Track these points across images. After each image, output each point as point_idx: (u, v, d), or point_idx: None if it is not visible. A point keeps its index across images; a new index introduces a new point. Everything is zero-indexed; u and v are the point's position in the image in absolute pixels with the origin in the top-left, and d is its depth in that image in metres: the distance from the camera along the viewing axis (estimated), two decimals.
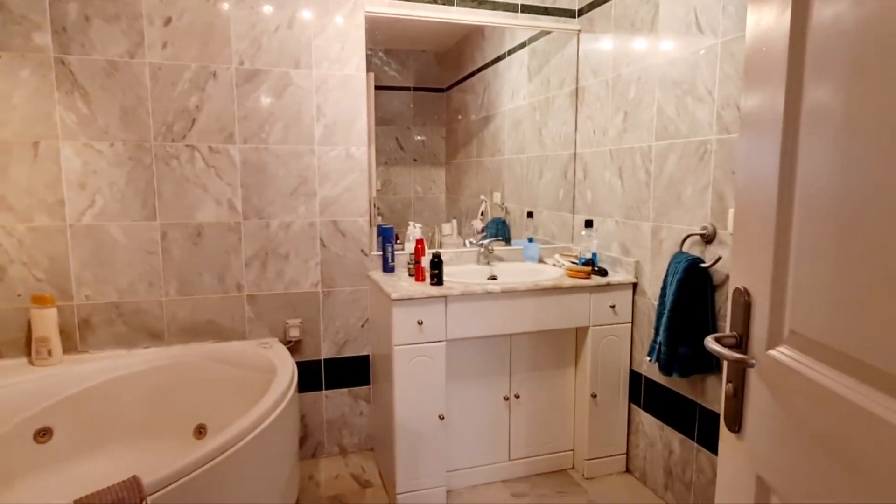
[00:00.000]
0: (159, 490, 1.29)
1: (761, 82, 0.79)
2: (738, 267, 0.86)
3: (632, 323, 2.31)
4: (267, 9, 2.22)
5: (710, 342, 0.84)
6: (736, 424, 0.86)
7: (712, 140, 1.85)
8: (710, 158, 1.87)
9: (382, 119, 2.70)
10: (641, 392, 2.28)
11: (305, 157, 2.33)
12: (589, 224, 2.46)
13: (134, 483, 1.24)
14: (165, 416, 2.12)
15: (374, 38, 2.42)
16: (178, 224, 2.22)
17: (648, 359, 2.06)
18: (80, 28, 2.03)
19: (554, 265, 2.51)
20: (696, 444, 1.99)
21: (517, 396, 2.31)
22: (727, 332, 0.87)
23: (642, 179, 2.20)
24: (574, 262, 2.40)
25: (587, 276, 2.25)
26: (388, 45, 2.63)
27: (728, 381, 0.87)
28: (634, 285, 2.28)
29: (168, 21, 2.12)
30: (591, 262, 2.33)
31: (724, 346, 0.84)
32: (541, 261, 2.63)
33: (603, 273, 2.29)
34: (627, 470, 2.38)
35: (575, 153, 2.69)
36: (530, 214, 2.89)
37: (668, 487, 2.14)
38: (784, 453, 0.74)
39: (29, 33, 1.98)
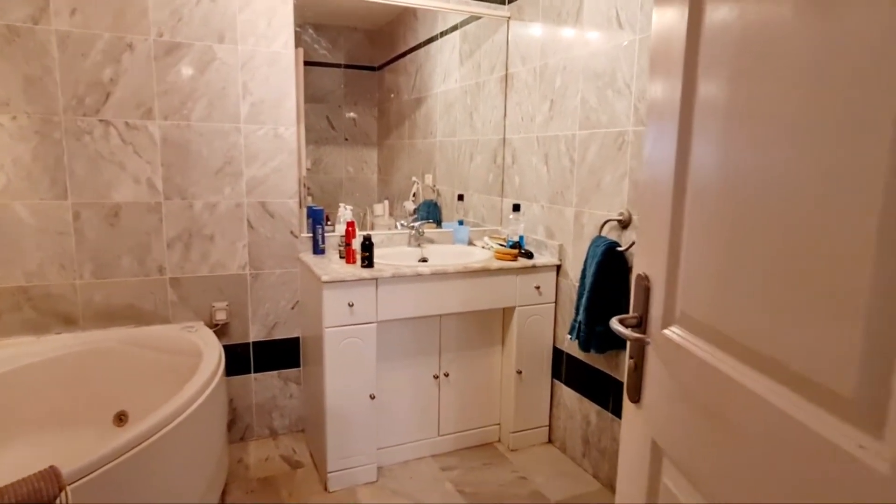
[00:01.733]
0: (79, 479, 1.25)
1: (663, 76, 0.87)
2: (640, 254, 0.95)
3: (555, 303, 2.43)
4: None
5: (614, 322, 0.92)
6: (636, 395, 0.95)
7: (629, 131, 1.97)
8: (627, 148, 1.98)
9: (313, 97, 2.65)
10: (563, 368, 2.42)
11: (231, 135, 2.27)
12: (516, 208, 2.55)
13: (51, 473, 1.20)
14: (83, 404, 2.04)
15: (303, 13, 2.37)
16: (93, 204, 2.10)
17: (569, 336, 2.18)
18: None
19: (483, 247, 2.58)
20: (610, 415, 2.15)
21: (446, 375, 2.39)
22: (632, 313, 0.96)
23: (566, 166, 2.30)
24: (502, 245, 2.48)
25: (514, 258, 2.35)
26: (318, 20, 2.57)
27: (630, 356, 0.96)
28: (558, 267, 2.40)
29: None
30: (518, 245, 2.43)
31: (626, 326, 0.92)
32: (471, 243, 2.70)
33: (529, 256, 2.39)
34: (550, 441, 2.52)
35: (504, 138, 2.76)
36: (461, 197, 2.95)
37: (586, 455, 2.29)
38: (673, 420, 0.84)
39: None
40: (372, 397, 2.12)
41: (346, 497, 2.09)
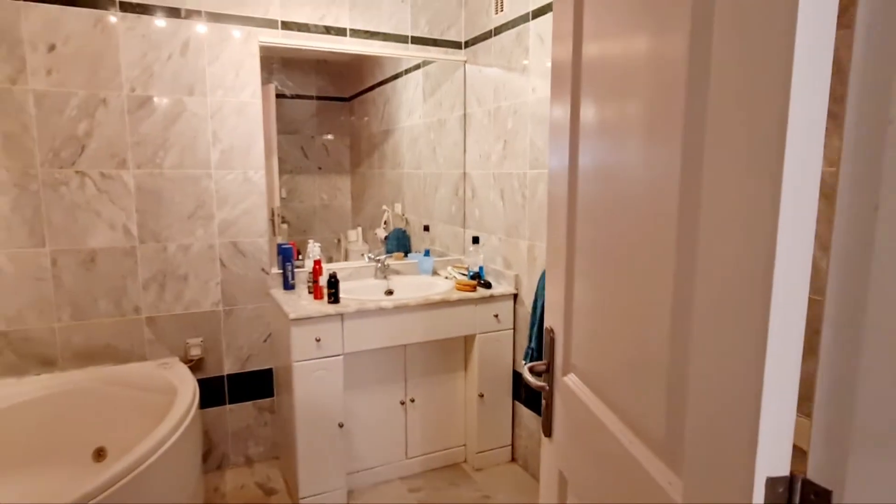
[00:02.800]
0: None
1: (558, 100, 1.01)
2: (548, 308, 1.11)
3: (513, 329, 2.59)
4: (158, 37, 2.25)
5: (524, 370, 1.08)
6: (548, 430, 1.11)
7: None
8: None
9: (286, 128, 2.78)
10: (522, 390, 2.57)
11: (202, 181, 2.40)
12: (476, 240, 2.72)
13: None
14: (62, 442, 2.14)
15: (272, 51, 2.50)
16: (70, 250, 2.22)
17: (524, 361, 2.34)
18: None
19: (446, 278, 2.74)
20: None
21: (412, 400, 2.53)
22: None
23: (519, 202, 2.48)
24: (464, 275, 2.64)
25: (473, 288, 2.51)
26: (289, 55, 2.71)
27: (543, 398, 1.12)
28: (515, 296, 2.56)
29: (52, 48, 2.11)
30: (477, 276, 2.59)
31: (535, 373, 1.08)
32: (435, 273, 2.86)
33: (487, 286, 2.55)
34: (513, 459, 2.67)
35: (465, 173, 2.94)
36: (427, 228, 3.11)
37: None
38: (570, 452, 1.00)
39: None
40: (340, 425, 2.25)
41: None
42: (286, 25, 2.47)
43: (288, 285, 2.51)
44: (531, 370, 1.08)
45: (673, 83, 0.66)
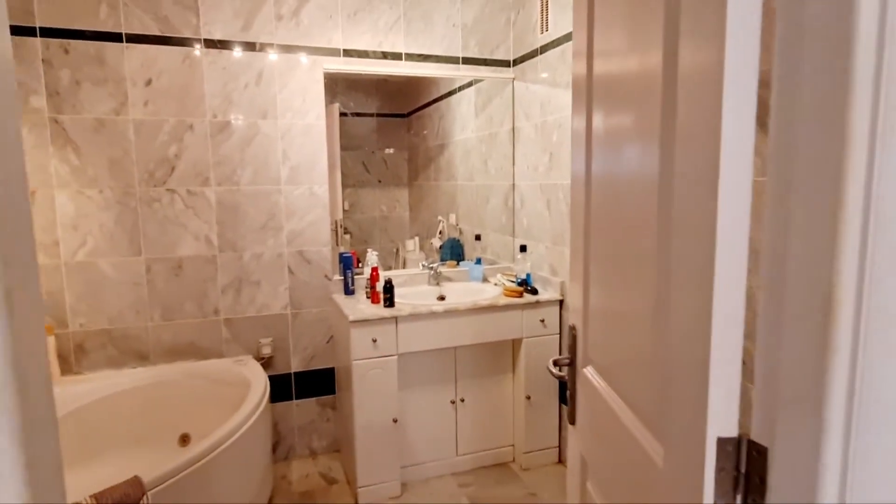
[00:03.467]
0: (157, 486, 1.61)
1: (577, 111, 1.14)
2: (571, 306, 1.23)
3: (560, 334, 2.68)
4: (236, 69, 2.54)
5: (549, 363, 1.20)
6: (573, 419, 1.22)
7: None
8: None
9: (348, 144, 3.01)
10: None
11: (273, 195, 2.66)
12: (523, 249, 2.83)
13: (136, 481, 1.56)
14: (153, 428, 2.43)
15: (336, 75, 2.74)
16: (161, 259, 2.52)
17: None
18: (72, 91, 2.33)
19: (495, 284, 2.87)
20: None
21: (462, 400, 2.67)
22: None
23: (564, 212, 2.58)
24: (512, 282, 2.76)
25: (520, 294, 2.62)
26: (351, 77, 2.92)
27: (568, 389, 1.23)
28: (561, 302, 2.66)
29: (148, 82, 2.43)
30: (524, 283, 2.70)
31: (559, 365, 1.20)
32: (485, 280, 2.99)
33: (534, 292, 2.66)
34: (560, 461, 2.75)
35: (514, 184, 3.06)
36: (478, 237, 3.26)
37: None
38: (591, 438, 1.11)
39: (27, 97, 2.27)
40: (395, 421, 2.42)
41: None
42: (347, 53, 2.71)
43: (348, 291, 2.72)
44: (555, 363, 1.20)
45: (652, 97, 0.78)
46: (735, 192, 0.58)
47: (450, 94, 3.29)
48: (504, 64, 2.99)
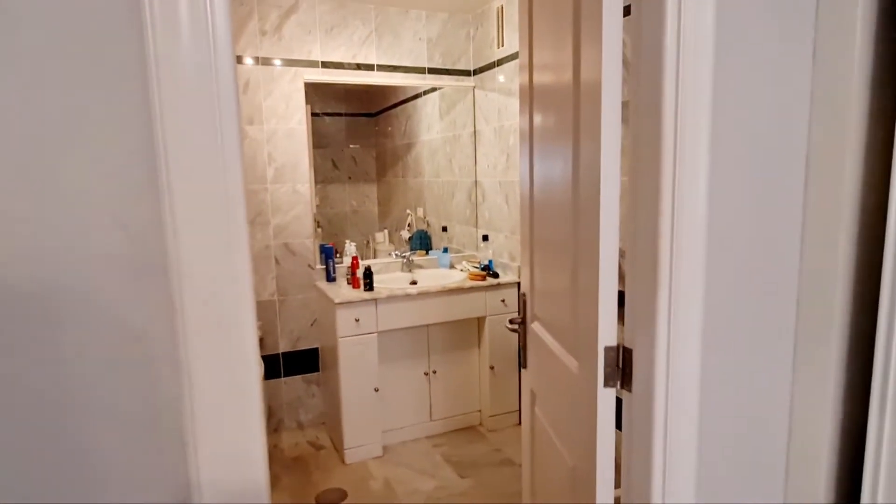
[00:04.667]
0: None
1: (523, 115, 1.50)
2: (522, 278, 1.60)
3: (518, 312, 3.07)
4: None
5: (507, 322, 1.57)
6: (524, 363, 1.60)
7: None
8: None
9: (319, 142, 3.26)
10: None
11: (260, 193, 2.95)
12: (485, 238, 3.21)
13: None
14: None
15: (313, 82, 3.04)
16: None
17: None
18: None
19: (461, 270, 3.24)
20: None
21: (434, 372, 3.04)
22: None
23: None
24: (476, 268, 3.14)
25: (483, 278, 3.00)
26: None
27: (520, 341, 1.61)
28: (518, 284, 3.05)
29: None
30: (487, 268, 3.08)
31: (514, 323, 1.58)
32: (452, 266, 3.36)
33: (495, 276, 3.04)
34: (520, 423, 3.15)
35: (476, 181, 3.43)
36: (444, 229, 3.61)
37: None
38: (537, 374, 1.49)
39: None
40: (376, 390, 2.77)
41: (360, 468, 2.73)
42: (325, 64, 3.01)
43: (330, 278, 3.04)
44: (511, 321, 1.57)
45: (567, 102, 1.14)
46: (610, 182, 0.96)
47: (416, 96, 3.60)
48: (465, 73, 3.35)
